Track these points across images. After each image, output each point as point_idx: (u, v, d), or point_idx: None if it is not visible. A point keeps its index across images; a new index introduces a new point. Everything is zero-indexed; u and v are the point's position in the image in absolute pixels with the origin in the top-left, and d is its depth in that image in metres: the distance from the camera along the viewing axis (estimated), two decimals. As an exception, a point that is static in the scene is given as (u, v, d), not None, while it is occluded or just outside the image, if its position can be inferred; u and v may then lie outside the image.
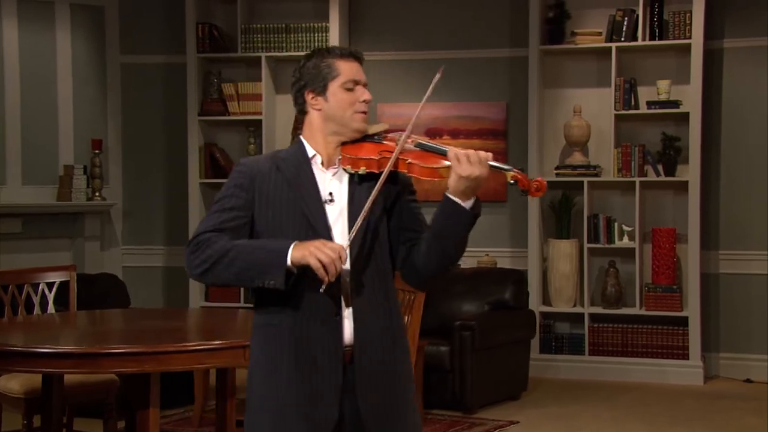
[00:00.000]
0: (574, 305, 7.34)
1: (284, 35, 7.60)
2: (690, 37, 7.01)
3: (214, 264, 2.59)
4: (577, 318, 7.34)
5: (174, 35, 7.90)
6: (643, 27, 7.13)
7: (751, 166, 7.23)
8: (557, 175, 7.26)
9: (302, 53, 7.54)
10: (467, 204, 2.55)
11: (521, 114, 7.41)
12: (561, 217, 7.26)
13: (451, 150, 2.54)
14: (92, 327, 4.56)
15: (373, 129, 2.72)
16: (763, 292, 7.17)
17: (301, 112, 2.73)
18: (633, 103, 7.20)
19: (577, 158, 7.30)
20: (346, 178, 2.69)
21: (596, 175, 7.26)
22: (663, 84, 7.11)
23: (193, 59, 7.67)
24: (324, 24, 7.55)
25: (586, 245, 7.26)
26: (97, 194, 7.62)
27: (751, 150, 7.22)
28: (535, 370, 6.95)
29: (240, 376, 5.36)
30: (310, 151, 2.70)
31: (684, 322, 7.07)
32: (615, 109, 7.17)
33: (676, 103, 7.11)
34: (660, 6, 7.10)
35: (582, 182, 7.19)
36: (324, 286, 2.52)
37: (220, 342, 3.77)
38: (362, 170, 2.63)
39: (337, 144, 2.69)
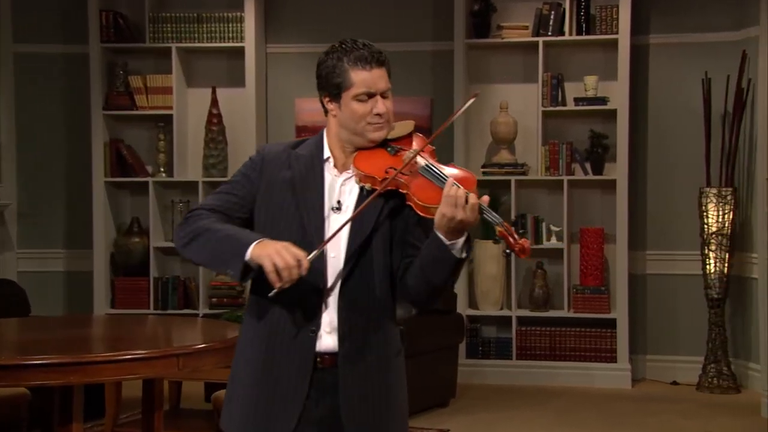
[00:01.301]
0: (501, 308, 7.13)
1: (196, 25, 7.22)
2: (617, 33, 6.90)
3: (191, 240, 2.55)
4: (505, 321, 7.14)
5: (74, 23, 7.41)
6: (570, 21, 6.99)
7: (678, 165, 7.15)
8: (484, 173, 7.03)
9: (215, 44, 7.26)
10: (454, 243, 2.42)
11: (446, 110, 7.17)
12: (487, 217, 7.03)
13: (449, 184, 2.42)
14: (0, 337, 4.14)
15: (398, 130, 2.63)
16: (689, 293, 7.09)
17: (324, 110, 2.65)
18: (560, 99, 7.05)
19: (504, 156, 7.10)
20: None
21: (524, 173, 7.07)
22: (590, 80, 6.98)
23: (97, 49, 7.20)
24: (239, 14, 7.18)
25: (513, 246, 7.04)
26: (-11, 194, 7.11)
27: (678, 148, 7.14)
28: (462, 376, 6.72)
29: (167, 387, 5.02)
30: (326, 152, 2.62)
31: (612, 324, 6.94)
32: (542, 106, 7.00)
33: (603, 100, 6.98)
34: (586, 0, 6.96)
35: (509, 181, 7.00)
36: (274, 291, 2.42)
37: (152, 351, 3.56)
38: (368, 186, 2.56)
39: (352, 150, 2.61)
